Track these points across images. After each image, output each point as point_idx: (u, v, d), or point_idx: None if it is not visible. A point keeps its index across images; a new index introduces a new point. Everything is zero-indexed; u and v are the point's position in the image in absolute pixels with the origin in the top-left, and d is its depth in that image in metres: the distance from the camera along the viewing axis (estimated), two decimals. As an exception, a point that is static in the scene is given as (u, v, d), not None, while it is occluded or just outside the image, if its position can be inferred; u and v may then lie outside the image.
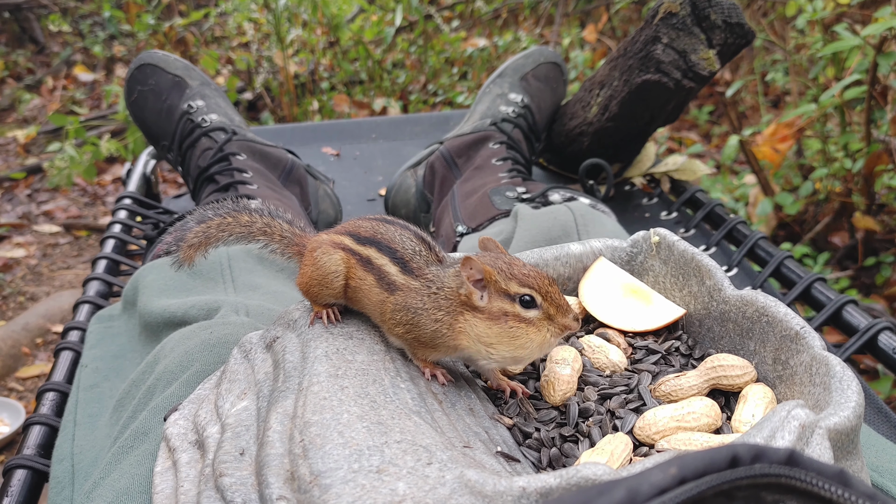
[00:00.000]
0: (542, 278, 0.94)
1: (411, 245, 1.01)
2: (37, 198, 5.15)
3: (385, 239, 1.02)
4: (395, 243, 1.01)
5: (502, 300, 0.94)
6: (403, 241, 1.01)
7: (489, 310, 0.94)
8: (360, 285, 1.03)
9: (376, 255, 1.02)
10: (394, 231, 1.03)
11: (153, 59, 2.09)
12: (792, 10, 3.10)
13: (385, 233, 1.03)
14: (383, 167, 2.58)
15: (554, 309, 0.94)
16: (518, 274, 0.94)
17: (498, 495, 0.72)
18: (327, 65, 5.30)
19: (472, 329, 0.95)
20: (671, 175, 2.33)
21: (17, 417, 3.18)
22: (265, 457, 0.83)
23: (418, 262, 1.00)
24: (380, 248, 1.02)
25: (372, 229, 1.04)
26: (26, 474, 1.24)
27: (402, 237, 1.02)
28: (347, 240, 1.05)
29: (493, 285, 0.94)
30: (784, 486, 0.58)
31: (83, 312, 1.68)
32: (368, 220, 1.06)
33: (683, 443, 0.89)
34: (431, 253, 1.01)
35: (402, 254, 1.00)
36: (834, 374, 0.88)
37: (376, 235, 1.03)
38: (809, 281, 1.66)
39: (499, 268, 0.94)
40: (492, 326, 0.94)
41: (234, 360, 1.08)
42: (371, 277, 1.01)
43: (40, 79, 6.61)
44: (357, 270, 1.03)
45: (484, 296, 0.94)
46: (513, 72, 2.24)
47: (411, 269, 0.99)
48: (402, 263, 1.00)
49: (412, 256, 1.00)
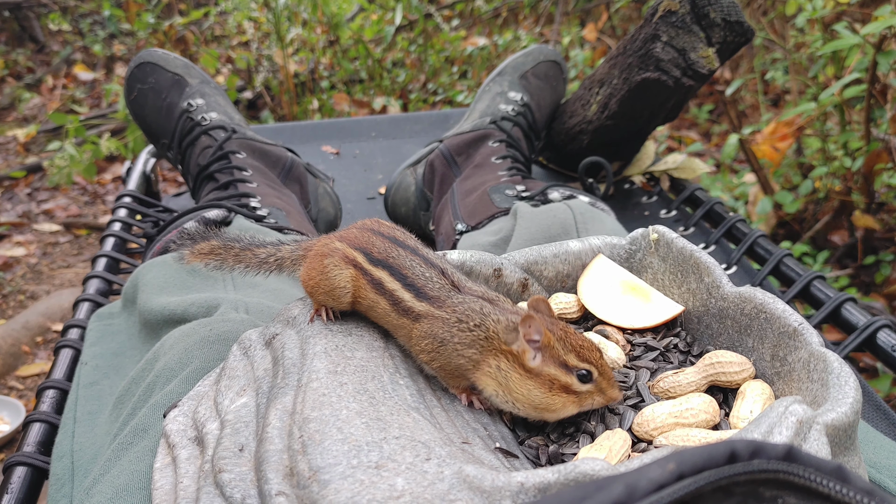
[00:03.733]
0: (595, 351, 0.95)
1: (421, 271, 1.01)
2: (37, 196, 5.15)
3: (397, 264, 1.02)
4: (405, 269, 1.02)
5: (555, 367, 0.94)
6: (413, 267, 1.02)
7: (537, 371, 0.94)
8: (373, 306, 1.03)
9: (388, 279, 1.02)
10: (405, 256, 1.03)
11: (153, 57, 2.09)
12: (792, 8, 3.10)
13: (397, 257, 1.03)
14: (383, 165, 2.58)
15: (606, 382, 0.95)
16: (576, 346, 0.94)
17: (496, 490, 0.72)
18: (327, 63, 5.30)
19: (501, 377, 0.95)
20: (671, 173, 2.33)
21: (17, 416, 3.18)
22: (264, 453, 0.84)
23: (434, 289, 1.00)
24: (392, 272, 1.02)
25: (385, 251, 1.04)
26: (26, 471, 1.24)
27: (413, 262, 1.02)
28: (360, 257, 1.05)
29: (549, 351, 0.94)
30: (782, 481, 0.59)
31: (83, 310, 1.68)
32: (381, 239, 1.06)
33: (681, 439, 0.90)
34: (445, 279, 1.02)
35: (414, 280, 1.01)
36: (832, 371, 0.88)
37: (388, 259, 1.03)
38: (808, 279, 1.66)
39: (558, 336, 0.95)
40: (531, 386, 0.94)
41: (234, 356, 1.08)
42: (384, 301, 1.02)
43: (40, 77, 6.61)
44: (368, 292, 1.03)
45: (537, 357, 0.94)
46: (512, 70, 2.24)
47: (429, 297, 0.99)
48: (415, 290, 1.00)
49: (424, 283, 1.00)
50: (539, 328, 0.94)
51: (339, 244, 1.07)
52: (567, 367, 0.94)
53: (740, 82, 3.57)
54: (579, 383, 0.94)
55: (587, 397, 0.94)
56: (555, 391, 0.93)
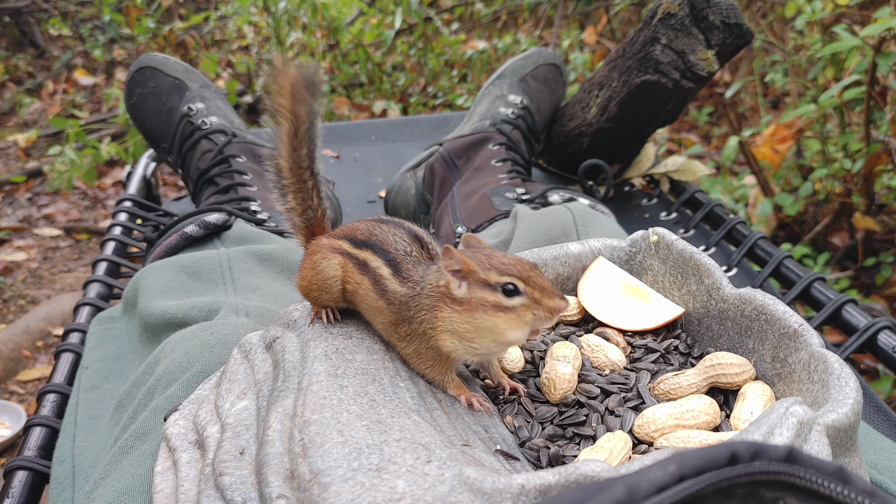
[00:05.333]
0: (522, 264, 0.93)
1: (403, 245, 1.01)
2: (37, 201, 5.16)
3: (379, 241, 1.02)
4: (388, 245, 1.01)
5: (482, 290, 0.92)
6: (396, 242, 1.01)
7: (468, 300, 0.93)
8: (357, 289, 1.03)
9: (372, 257, 1.01)
10: (388, 231, 1.03)
11: (153, 61, 2.10)
12: (791, 10, 3.11)
13: (380, 234, 1.03)
14: (383, 169, 2.58)
15: (539, 293, 0.92)
16: (497, 264, 0.92)
17: (497, 493, 0.72)
18: (327, 67, 5.31)
19: (451, 325, 0.94)
20: (670, 176, 2.33)
21: (17, 420, 3.18)
22: (265, 455, 0.84)
23: (408, 264, 0.99)
24: (375, 250, 1.02)
25: (368, 231, 1.04)
26: (27, 475, 1.24)
27: (396, 237, 1.02)
28: (345, 244, 1.05)
29: (471, 276, 0.93)
30: (783, 482, 0.59)
31: (84, 314, 1.68)
32: (365, 222, 1.06)
33: (682, 440, 0.90)
34: (424, 251, 1.01)
35: (395, 255, 1.00)
36: (832, 372, 0.88)
37: (371, 238, 1.03)
38: (809, 280, 1.66)
39: (478, 259, 0.93)
40: (470, 319, 0.92)
41: (234, 360, 1.08)
42: (367, 281, 1.01)
43: (40, 82, 6.62)
44: (354, 274, 1.03)
45: (462, 285, 0.93)
46: (512, 73, 2.24)
47: (401, 273, 0.99)
48: (395, 265, 1.00)
49: (403, 258, 1.00)
50: (457, 256, 0.92)
51: (325, 240, 1.08)
52: (490, 286, 0.92)
53: (740, 84, 3.57)
54: (506, 298, 0.91)
55: (524, 311, 0.91)
56: (490, 314, 0.91)
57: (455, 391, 0.99)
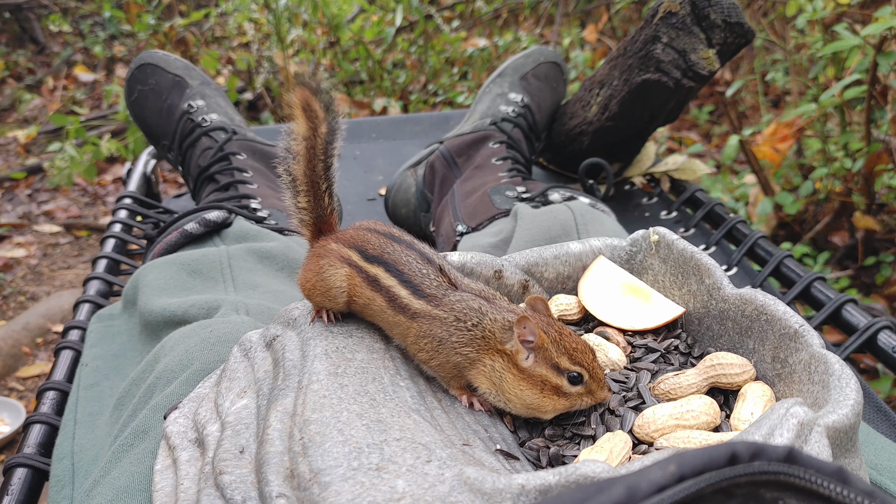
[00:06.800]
0: (588, 354, 0.96)
1: (418, 267, 1.01)
2: (37, 198, 5.16)
3: (392, 260, 1.02)
4: (402, 265, 1.01)
5: (547, 369, 0.94)
6: (409, 263, 1.01)
7: (529, 371, 0.95)
8: (368, 304, 1.03)
9: (384, 275, 1.01)
10: (400, 252, 1.03)
11: (153, 58, 2.10)
12: (792, 9, 3.10)
13: (392, 253, 1.03)
14: (383, 167, 2.58)
15: (595, 385, 0.96)
16: (570, 349, 0.95)
17: (497, 493, 0.72)
18: (328, 65, 5.31)
19: (496, 376, 0.96)
20: (671, 174, 2.33)
21: (17, 417, 3.18)
22: (265, 454, 0.84)
23: (431, 287, 1.00)
24: (388, 268, 1.02)
25: (380, 247, 1.04)
26: (26, 473, 1.24)
27: (409, 258, 1.02)
28: (354, 254, 1.04)
29: (542, 352, 0.95)
30: (783, 483, 0.59)
31: (83, 312, 1.68)
32: (377, 236, 1.05)
33: (682, 441, 0.90)
34: (443, 276, 1.01)
35: (410, 276, 1.00)
36: (832, 372, 0.88)
37: (383, 255, 1.03)
38: (809, 280, 1.66)
39: (552, 337, 0.95)
40: (523, 386, 0.95)
41: (234, 358, 1.08)
42: (380, 298, 1.01)
43: (41, 79, 6.61)
44: (364, 289, 1.02)
45: (530, 357, 0.95)
46: (513, 71, 2.24)
47: (426, 295, 0.99)
48: (412, 287, 1.00)
49: (421, 280, 1.00)
50: (533, 329, 0.94)
51: (334, 245, 1.07)
52: (559, 370, 0.94)
53: (741, 83, 3.57)
54: (569, 385, 0.95)
55: (577, 398, 0.96)
56: (546, 392, 0.95)
57: (457, 391, 1.00)
